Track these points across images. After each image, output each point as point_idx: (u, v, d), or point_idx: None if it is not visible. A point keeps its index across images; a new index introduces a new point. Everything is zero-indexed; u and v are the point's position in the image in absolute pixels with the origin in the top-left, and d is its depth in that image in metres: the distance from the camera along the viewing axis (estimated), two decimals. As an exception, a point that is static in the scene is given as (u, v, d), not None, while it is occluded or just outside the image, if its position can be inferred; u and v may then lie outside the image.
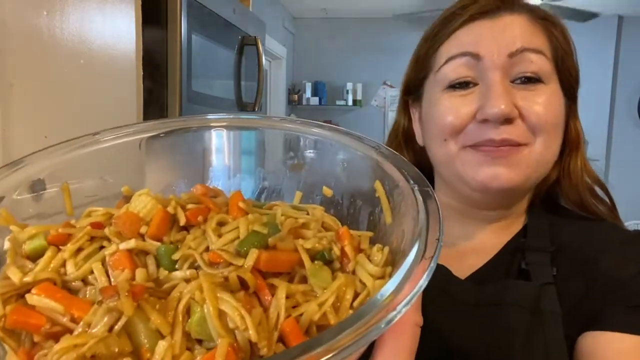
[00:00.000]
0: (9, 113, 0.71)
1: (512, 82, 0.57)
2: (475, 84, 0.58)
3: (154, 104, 1.22)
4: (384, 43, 4.67)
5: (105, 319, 0.23)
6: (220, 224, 0.29)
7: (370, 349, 0.26)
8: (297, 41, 4.93)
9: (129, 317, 0.23)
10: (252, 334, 0.24)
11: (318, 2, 4.36)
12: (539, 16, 0.60)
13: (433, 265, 0.24)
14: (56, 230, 0.28)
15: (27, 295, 0.25)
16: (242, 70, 1.64)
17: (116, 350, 0.23)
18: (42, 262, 0.27)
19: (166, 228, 0.28)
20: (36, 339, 0.25)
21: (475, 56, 0.57)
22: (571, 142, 0.63)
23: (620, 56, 4.64)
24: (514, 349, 0.52)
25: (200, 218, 0.29)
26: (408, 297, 0.22)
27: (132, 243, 0.27)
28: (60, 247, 0.28)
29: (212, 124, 0.38)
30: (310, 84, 4.84)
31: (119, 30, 0.98)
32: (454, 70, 0.58)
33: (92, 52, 0.89)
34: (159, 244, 0.28)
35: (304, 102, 4.82)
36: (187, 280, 0.26)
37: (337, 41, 4.84)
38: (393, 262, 0.30)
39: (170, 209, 0.29)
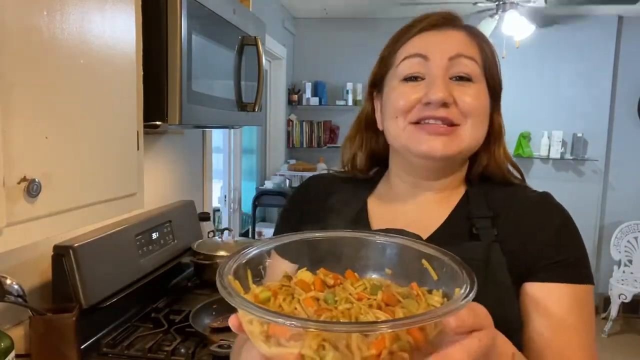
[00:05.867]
0: (9, 113, 0.71)
1: (451, 78, 0.75)
2: (423, 79, 0.76)
3: (154, 104, 1.22)
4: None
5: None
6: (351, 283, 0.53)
7: None
8: (297, 41, 4.93)
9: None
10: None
11: (318, 2, 4.36)
12: (473, 33, 0.79)
13: (473, 294, 0.45)
14: (271, 289, 0.51)
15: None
16: (242, 70, 1.64)
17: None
18: (270, 304, 0.49)
19: (322, 286, 0.52)
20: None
21: (425, 57, 0.76)
22: (495, 132, 0.81)
23: (620, 56, 4.63)
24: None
25: (338, 281, 0.53)
26: (467, 299, 0.45)
27: (312, 293, 0.50)
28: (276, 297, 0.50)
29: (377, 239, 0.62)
30: (310, 84, 4.83)
31: (119, 30, 0.98)
32: (408, 66, 0.77)
33: (92, 52, 0.89)
34: (324, 293, 0.50)
35: (304, 102, 4.81)
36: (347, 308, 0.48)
37: (337, 41, 4.84)
38: (446, 296, 0.51)
39: (322, 277, 0.53)
